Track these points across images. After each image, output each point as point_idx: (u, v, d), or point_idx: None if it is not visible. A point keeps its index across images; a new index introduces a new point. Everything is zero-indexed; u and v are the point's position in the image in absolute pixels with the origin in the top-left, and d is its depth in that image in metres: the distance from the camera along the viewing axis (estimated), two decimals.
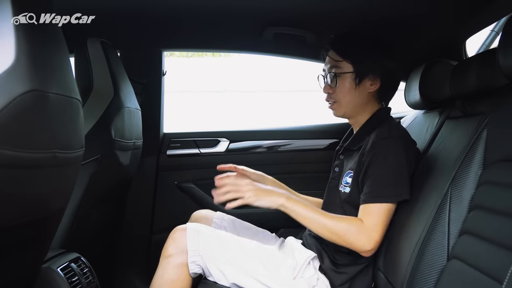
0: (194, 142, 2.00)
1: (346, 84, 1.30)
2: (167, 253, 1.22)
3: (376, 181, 1.18)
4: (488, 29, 1.87)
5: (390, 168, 1.18)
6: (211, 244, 1.21)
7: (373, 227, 1.15)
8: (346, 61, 1.29)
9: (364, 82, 1.29)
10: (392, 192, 1.17)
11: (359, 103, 1.32)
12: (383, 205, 1.17)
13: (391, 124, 1.29)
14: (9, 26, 0.65)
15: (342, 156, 1.36)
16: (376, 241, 1.16)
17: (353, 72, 1.28)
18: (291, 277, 1.21)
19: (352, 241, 1.16)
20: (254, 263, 1.21)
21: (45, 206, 0.85)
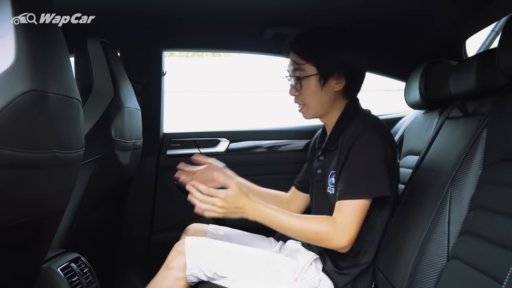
0: (194, 142, 2.00)
1: (311, 87, 1.27)
2: (170, 265, 1.21)
3: (349, 177, 1.18)
4: (488, 29, 1.87)
5: (364, 164, 1.17)
6: (210, 255, 1.21)
7: (346, 223, 1.15)
8: (309, 64, 1.26)
9: (329, 82, 1.26)
10: (364, 189, 1.16)
11: (327, 103, 1.29)
12: (356, 202, 1.15)
13: (362, 118, 1.27)
14: (9, 26, 0.65)
15: (322, 157, 1.34)
16: (351, 237, 1.15)
17: (317, 74, 1.25)
18: (292, 279, 1.21)
19: (327, 239, 1.16)
20: (253, 269, 1.21)
21: (45, 206, 0.85)
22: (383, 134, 1.22)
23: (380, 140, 1.19)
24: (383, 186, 1.17)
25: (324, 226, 1.16)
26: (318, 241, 1.19)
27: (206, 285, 1.21)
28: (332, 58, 1.24)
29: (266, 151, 2.03)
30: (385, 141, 1.20)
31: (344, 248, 1.16)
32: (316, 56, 1.25)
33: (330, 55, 1.25)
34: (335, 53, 1.25)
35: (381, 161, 1.18)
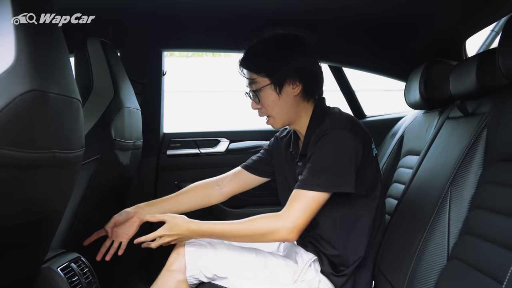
0: (194, 142, 2.00)
1: (269, 97, 1.26)
2: (171, 267, 1.22)
3: (311, 170, 1.17)
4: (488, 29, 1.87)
5: (328, 158, 1.17)
6: (210, 257, 1.21)
7: (294, 212, 1.14)
8: (260, 76, 1.25)
9: (285, 88, 1.25)
10: (322, 182, 1.15)
11: (290, 109, 1.28)
12: (310, 193, 1.15)
13: (331, 116, 1.26)
14: (9, 26, 0.65)
15: (300, 162, 1.33)
16: (295, 226, 1.14)
17: (270, 83, 1.25)
18: (291, 281, 1.21)
19: (271, 233, 1.15)
20: (253, 271, 1.21)
21: (45, 206, 0.85)
22: (353, 130, 1.21)
23: (348, 136, 1.18)
24: (345, 182, 1.16)
25: (266, 221, 1.17)
26: (263, 237, 1.18)
27: (206, 285, 1.22)
28: (280, 65, 1.24)
29: None
30: (355, 136, 1.19)
31: (288, 237, 1.15)
32: (264, 66, 1.25)
33: (278, 63, 1.25)
34: (282, 60, 1.25)
35: (348, 157, 1.17)
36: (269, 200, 1.98)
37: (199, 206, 1.49)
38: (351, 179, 1.16)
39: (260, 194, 1.98)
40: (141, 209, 1.42)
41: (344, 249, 1.24)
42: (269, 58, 1.25)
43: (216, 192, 1.50)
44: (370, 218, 1.26)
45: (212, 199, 1.51)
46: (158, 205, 1.44)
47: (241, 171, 1.51)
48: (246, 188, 1.52)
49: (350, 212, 1.24)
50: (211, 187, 1.50)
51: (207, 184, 1.50)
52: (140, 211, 1.41)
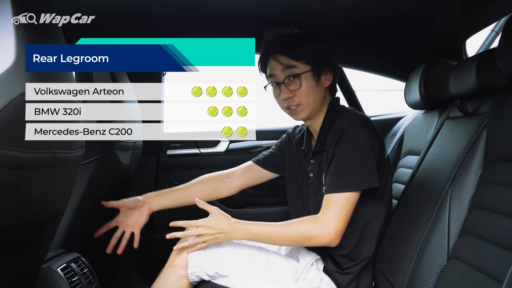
0: (194, 142, 2.00)
1: (309, 83, 1.27)
2: (173, 263, 1.22)
3: (337, 171, 1.18)
4: (488, 29, 1.87)
5: (350, 158, 1.18)
6: (212, 254, 1.21)
7: (332, 217, 1.15)
8: (300, 62, 1.26)
9: (321, 78, 1.28)
10: (351, 181, 1.16)
11: (320, 100, 1.30)
12: (343, 195, 1.16)
13: (347, 114, 1.27)
14: (9, 26, 0.65)
15: (313, 160, 1.33)
16: (337, 231, 1.15)
17: (311, 70, 1.26)
18: (293, 279, 1.21)
19: (313, 237, 1.16)
20: (255, 269, 1.21)
21: (45, 206, 0.85)
22: (369, 128, 1.23)
23: (366, 133, 1.20)
24: (372, 178, 1.17)
25: (308, 225, 1.17)
26: (305, 241, 1.19)
27: (208, 284, 1.22)
28: (320, 54, 1.27)
29: None
30: (371, 135, 1.21)
31: (332, 242, 1.16)
32: (306, 53, 1.27)
33: (316, 51, 1.27)
34: (319, 49, 1.28)
35: (369, 153, 1.18)
36: (271, 200, 1.99)
37: (209, 198, 1.46)
38: (375, 175, 1.18)
39: (261, 194, 1.98)
40: (150, 198, 1.40)
41: (354, 249, 1.24)
42: (309, 46, 1.28)
43: (227, 185, 1.50)
44: (381, 218, 1.27)
45: (222, 191, 1.50)
46: (168, 195, 1.43)
47: (252, 165, 1.51)
48: (256, 183, 1.52)
49: (364, 212, 1.24)
50: (222, 180, 1.50)
51: (218, 177, 1.50)
52: (150, 201, 1.39)
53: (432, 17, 1.46)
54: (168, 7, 1.44)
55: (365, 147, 1.18)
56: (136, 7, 1.44)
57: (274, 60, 1.29)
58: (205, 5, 1.43)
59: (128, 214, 1.37)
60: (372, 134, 1.22)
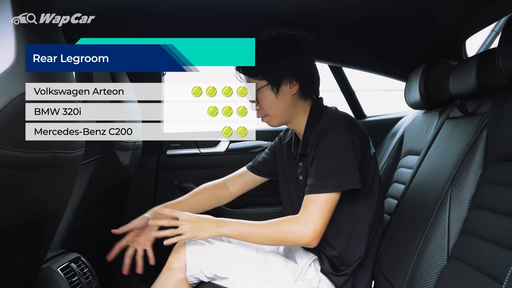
0: (194, 142, 2.00)
1: (267, 97, 1.28)
2: (171, 266, 1.22)
3: (318, 172, 1.18)
4: (488, 29, 1.87)
5: (330, 158, 1.18)
6: (210, 256, 1.21)
7: (311, 217, 1.15)
8: (256, 79, 1.27)
9: (282, 88, 1.27)
10: (331, 182, 1.16)
11: (287, 108, 1.29)
12: (322, 195, 1.16)
13: (328, 115, 1.27)
14: (9, 26, 0.65)
15: (301, 163, 1.33)
16: (316, 231, 1.15)
17: (267, 84, 1.27)
18: (291, 280, 1.21)
19: (293, 238, 1.16)
20: (253, 270, 1.21)
21: (45, 206, 0.85)
22: (350, 127, 1.23)
23: (347, 133, 1.20)
24: (352, 179, 1.17)
25: (287, 225, 1.17)
26: (284, 241, 1.20)
27: (207, 285, 1.22)
28: (276, 65, 1.26)
29: None
30: (353, 134, 1.21)
31: (310, 243, 1.16)
32: (260, 69, 1.26)
33: (273, 64, 1.26)
34: (277, 61, 1.27)
35: (349, 154, 1.18)
36: (269, 200, 1.99)
37: (211, 207, 1.50)
38: (356, 176, 1.17)
39: (260, 194, 1.98)
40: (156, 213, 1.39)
41: (344, 250, 1.24)
42: (264, 60, 1.25)
43: (225, 194, 1.52)
44: (370, 217, 1.26)
45: (223, 200, 1.53)
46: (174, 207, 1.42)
47: (246, 172, 1.53)
48: (252, 188, 1.55)
49: (350, 212, 1.24)
50: (221, 189, 1.52)
51: (217, 186, 1.52)
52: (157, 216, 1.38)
53: (432, 17, 1.46)
54: (168, 7, 1.45)
55: (345, 147, 1.18)
56: (136, 7, 1.45)
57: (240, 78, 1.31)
58: (205, 5, 1.43)
59: (138, 232, 1.36)
60: (354, 133, 1.21)
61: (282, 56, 1.27)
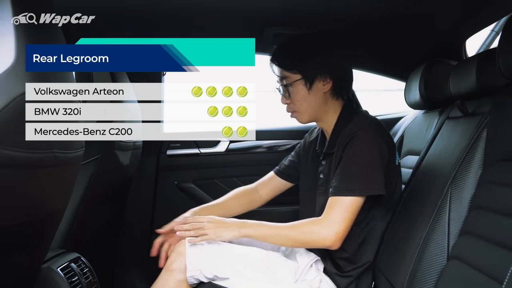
0: (194, 142, 2.00)
1: (299, 92, 1.28)
2: (171, 267, 1.21)
3: (344, 174, 1.18)
4: (488, 29, 1.87)
5: (359, 162, 1.18)
6: (210, 257, 1.21)
7: (334, 219, 1.15)
8: (290, 72, 1.28)
9: (316, 84, 1.27)
10: (358, 186, 1.16)
11: (318, 106, 1.30)
12: (347, 198, 1.15)
13: (360, 117, 1.28)
14: (9, 26, 0.65)
15: (324, 161, 1.34)
16: (338, 234, 1.14)
17: (301, 78, 1.27)
18: (292, 280, 1.21)
19: (315, 240, 1.17)
20: (254, 271, 1.21)
21: (45, 206, 0.85)
22: (380, 133, 1.23)
23: (376, 139, 1.20)
24: (378, 185, 1.17)
25: (309, 227, 1.17)
26: (306, 243, 1.20)
27: (207, 285, 1.22)
28: (312, 61, 1.27)
29: (266, 151, 2.03)
30: (382, 140, 1.21)
31: (332, 245, 1.16)
32: (296, 63, 1.27)
33: (309, 59, 1.27)
34: (313, 57, 1.27)
35: (377, 159, 1.18)
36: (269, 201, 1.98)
37: (244, 211, 1.51)
38: (382, 182, 1.17)
39: None
40: (197, 214, 1.40)
41: (354, 253, 1.24)
42: (300, 54, 1.28)
43: (257, 198, 1.53)
44: (385, 224, 1.27)
45: (255, 204, 1.54)
46: (211, 209, 1.45)
47: (273, 176, 1.54)
48: (281, 192, 1.56)
49: (367, 217, 1.24)
50: (253, 193, 1.53)
51: (249, 191, 1.54)
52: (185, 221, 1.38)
53: (432, 17, 1.46)
54: (168, 7, 1.45)
55: (373, 152, 1.18)
56: (136, 7, 1.45)
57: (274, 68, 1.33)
58: (206, 5, 1.43)
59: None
60: (382, 139, 1.22)
61: (319, 52, 1.28)
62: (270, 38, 1.68)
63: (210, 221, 1.21)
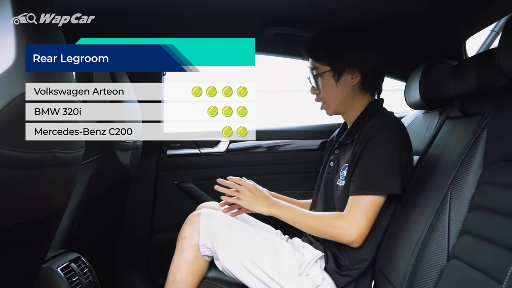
0: (194, 142, 2.00)
1: (327, 83, 1.32)
2: (182, 235, 1.26)
3: (365, 172, 1.19)
4: (488, 29, 1.87)
5: (380, 161, 1.19)
6: (222, 227, 1.24)
7: (357, 218, 1.17)
8: (320, 63, 1.33)
9: (344, 77, 1.31)
10: (380, 185, 1.18)
11: (345, 98, 1.33)
12: (369, 197, 1.17)
13: (383, 116, 1.30)
14: (9, 26, 0.65)
15: (337, 150, 1.37)
16: (360, 232, 1.17)
17: (330, 70, 1.31)
18: (296, 273, 1.21)
19: (337, 233, 1.19)
20: (261, 251, 1.23)
21: (46, 206, 0.85)
22: (400, 134, 1.26)
23: (396, 139, 1.22)
24: (396, 183, 1.19)
25: (334, 219, 1.20)
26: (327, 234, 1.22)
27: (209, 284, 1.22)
28: (341, 54, 1.30)
29: (266, 151, 2.03)
30: (401, 141, 1.23)
31: (354, 242, 1.18)
32: (326, 54, 1.32)
33: (339, 52, 1.31)
34: (343, 49, 1.31)
35: (396, 159, 1.20)
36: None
37: None
38: (399, 181, 1.19)
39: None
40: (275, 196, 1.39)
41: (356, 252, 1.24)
42: (330, 47, 1.32)
43: None
44: (386, 224, 1.27)
45: None
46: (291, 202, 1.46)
47: None
48: None
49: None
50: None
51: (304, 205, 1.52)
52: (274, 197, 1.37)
53: (432, 17, 1.45)
54: (168, 7, 1.45)
55: (393, 152, 1.20)
56: (136, 7, 1.45)
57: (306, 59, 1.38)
58: (206, 5, 1.43)
59: None
60: (403, 140, 1.25)
61: (350, 46, 1.32)
62: (270, 38, 1.68)
63: (249, 189, 1.25)
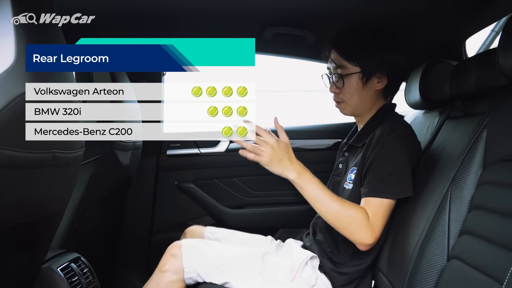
0: (194, 142, 2.00)
1: (353, 85, 1.28)
2: (163, 268, 1.20)
3: (380, 176, 1.18)
4: (488, 29, 1.87)
5: (393, 164, 1.18)
6: (206, 258, 1.20)
7: (374, 220, 1.15)
8: (350, 63, 1.27)
9: (371, 80, 1.28)
10: (395, 188, 1.17)
11: (367, 102, 1.30)
12: (385, 200, 1.16)
13: (394, 120, 1.29)
14: (9, 26, 0.65)
15: (347, 153, 1.36)
16: (376, 236, 1.15)
17: (360, 72, 1.26)
18: (289, 279, 1.21)
19: (355, 231, 1.14)
20: (251, 271, 1.21)
21: (45, 206, 0.85)
22: (412, 138, 1.25)
23: (408, 142, 1.22)
24: (410, 186, 1.18)
25: (357, 216, 1.13)
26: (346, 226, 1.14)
27: (207, 285, 1.22)
28: (375, 57, 1.26)
29: None
30: (413, 145, 1.23)
31: (367, 245, 1.15)
32: (359, 55, 1.26)
33: (372, 54, 1.26)
34: (377, 52, 1.27)
35: (409, 162, 1.19)
36: (269, 201, 1.98)
37: None
38: (411, 183, 1.18)
39: (259, 195, 1.98)
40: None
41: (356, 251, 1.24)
42: (365, 48, 1.27)
43: None
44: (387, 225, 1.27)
45: None
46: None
47: None
48: None
49: None
50: None
51: None
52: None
53: (432, 17, 1.45)
54: (168, 7, 1.44)
55: (406, 156, 1.19)
56: (136, 7, 1.45)
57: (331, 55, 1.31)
58: (206, 5, 1.43)
59: None
60: (414, 145, 1.24)
61: (383, 49, 1.28)
62: (270, 38, 1.68)
63: (274, 148, 1.14)
